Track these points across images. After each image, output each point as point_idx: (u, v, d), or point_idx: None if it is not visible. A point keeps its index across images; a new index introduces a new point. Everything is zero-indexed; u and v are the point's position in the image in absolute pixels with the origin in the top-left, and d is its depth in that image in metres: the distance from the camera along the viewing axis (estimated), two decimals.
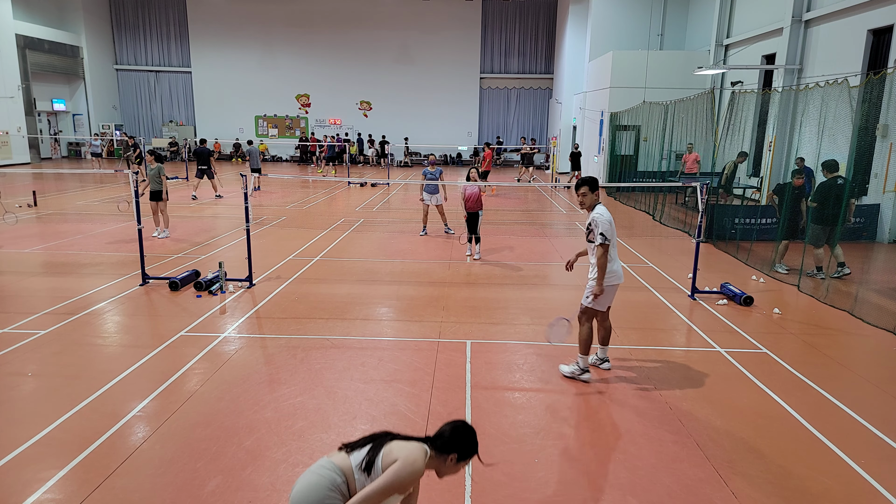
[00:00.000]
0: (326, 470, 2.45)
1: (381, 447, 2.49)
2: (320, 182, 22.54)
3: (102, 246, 10.55)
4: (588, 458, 4.12)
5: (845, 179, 8.47)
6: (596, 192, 5.27)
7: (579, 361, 5.31)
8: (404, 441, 2.54)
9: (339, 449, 2.57)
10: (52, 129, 30.23)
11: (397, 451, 2.46)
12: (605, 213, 5.17)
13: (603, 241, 5.08)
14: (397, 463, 2.38)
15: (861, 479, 3.91)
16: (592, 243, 5.20)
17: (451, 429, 2.58)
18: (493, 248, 10.76)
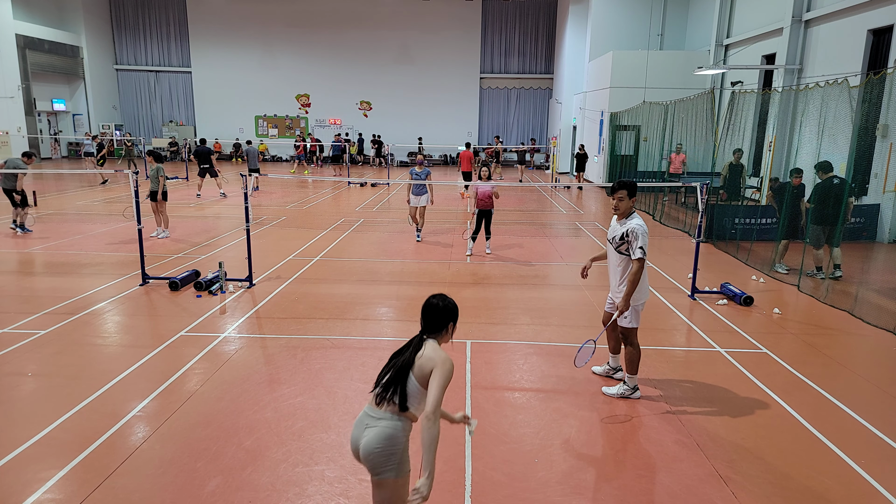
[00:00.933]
0: (383, 419, 2.70)
1: (405, 380, 2.70)
2: (320, 182, 22.53)
3: (102, 246, 10.55)
4: (588, 458, 4.12)
5: (842, 179, 8.47)
6: (633, 199, 4.78)
7: (627, 381, 4.98)
8: (415, 353, 2.73)
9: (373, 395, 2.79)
10: (52, 129, 30.23)
11: (425, 363, 2.68)
12: (644, 225, 4.70)
13: (642, 256, 4.62)
14: (437, 369, 2.64)
15: (861, 479, 3.91)
16: (622, 255, 4.78)
17: (433, 310, 2.82)
18: (492, 248, 10.76)
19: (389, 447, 2.64)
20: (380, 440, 2.64)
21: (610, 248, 4.95)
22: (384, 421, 2.68)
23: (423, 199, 11.17)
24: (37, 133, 27.87)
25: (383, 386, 2.74)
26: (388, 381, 2.73)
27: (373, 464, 2.66)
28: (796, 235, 9.48)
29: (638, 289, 4.73)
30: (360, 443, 2.69)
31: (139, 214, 8.22)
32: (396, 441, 2.66)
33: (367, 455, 2.66)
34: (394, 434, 2.66)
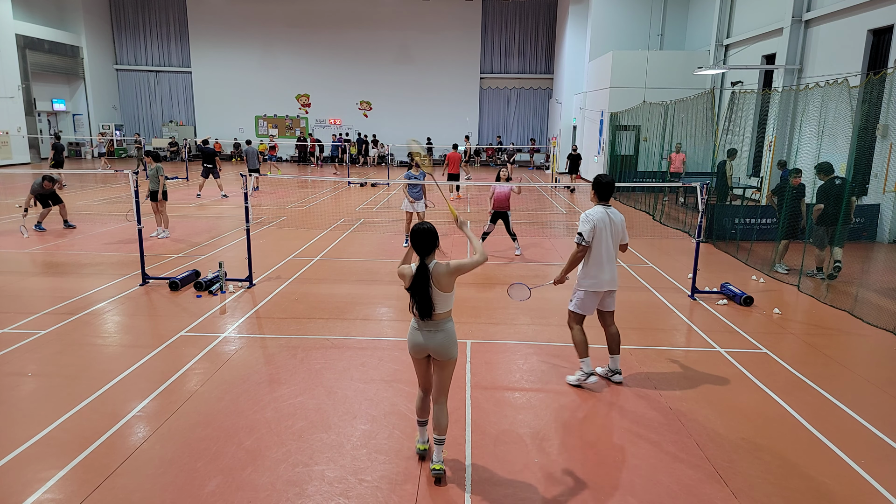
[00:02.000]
0: (441, 324, 3.71)
1: (432, 297, 3.64)
2: (319, 182, 22.53)
3: (102, 246, 10.55)
4: (588, 458, 4.12)
5: (843, 179, 8.46)
6: (599, 198, 5.11)
7: (581, 366, 5.18)
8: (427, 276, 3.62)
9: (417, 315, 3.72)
10: (52, 129, 30.22)
11: (441, 278, 3.62)
12: (590, 214, 5.03)
13: (577, 241, 5.07)
14: (455, 268, 3.65)
15: (861, 479, 3.91)
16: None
17: (425, 236, 3.64)
18: (492, 249, 10.76)
19: (453, 338, 3.76)
20: (449, 337, 3.73)
21: None
22: (443, 324, 3.71)
23: (421, 205, 10.57)
24: (37, 133, 27.86)
25: (423, 310, 3.64)
26: (425, 307, 3.63)
27: (446, 353, 3.73)
28: (796, 235, 9.47)
29: (582, 273, 5.16)
30: (430, 344, 3.70)
31: (139, 214, 8.22)
32: (454, 333, 3.78)
33: (443, 349, 3.71)
34: (453, 329, 3.77)
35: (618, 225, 5.10)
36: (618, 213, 5.12)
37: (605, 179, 5.05)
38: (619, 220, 5.12)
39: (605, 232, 5.01)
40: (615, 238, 5.10)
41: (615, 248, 5.15)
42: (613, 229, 5.05)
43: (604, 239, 5.02)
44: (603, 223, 4.98)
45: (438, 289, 3.63)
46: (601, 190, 5.07)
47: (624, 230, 5.19)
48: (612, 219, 5.04)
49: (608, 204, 5.11)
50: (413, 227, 3.71)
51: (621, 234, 5.17)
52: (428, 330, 3.70)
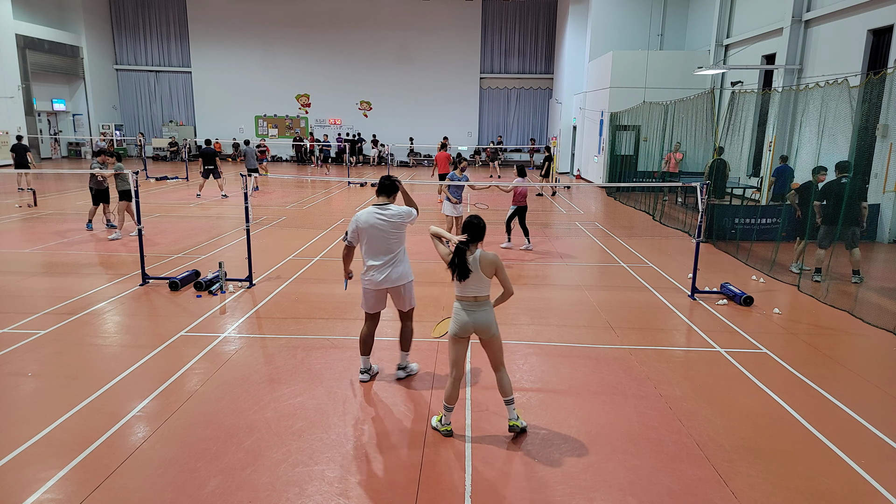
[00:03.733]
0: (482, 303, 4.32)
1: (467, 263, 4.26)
2: (318, 182, 22.53)
3: (102, 246, 10.55)
4: (588, 457, 4.12)
5: (848, 178, 8.43)
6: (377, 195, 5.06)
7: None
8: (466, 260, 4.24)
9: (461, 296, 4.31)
10: (51, 129, 30.22)
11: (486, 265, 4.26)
12: (359, 216, 4.93)
13: (343, 239, 5.09)
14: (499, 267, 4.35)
15: (861, 479, 3.91)
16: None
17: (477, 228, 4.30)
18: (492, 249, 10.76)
19: (494, 316, 4.33)
20: (490, 313, 4.29)
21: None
22: (483, 303, 4.30)
23: (459, 209, 10.16)
24: (37, 133, 27.85)
25: (463, 272, 4.21)
26: (463, 270, 4.20)
27: (489, 329, 4.27)
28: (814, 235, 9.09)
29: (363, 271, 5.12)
30: (475, 322, 4.25)
31: (139, 214, 8.22)
32: (493, 313, 4.33)
33: (486, 325, 4.26)
34: (492, 310, 4.32)
35: (388, 223, 4.90)
36: (395, 210, 4.94)
37: (386, 182, 5.02)
38: (391, 217, 4.91)
39: (373, 232, 4.90)
40: (387, 236, 4.92)
41: (392, 246, 4.97)
42: (383, 228, 4.90)
43: (372, 238, 4.92)
44: (367, 223, 4.88)
45: (482, 273, 4.24)
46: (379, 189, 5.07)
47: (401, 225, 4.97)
48: (382, 218, 4.90)
49: (386, 202, 4.97)
50: (467, 220, 4.32)
51: (396, 231, 4.96)
52: (473, 305, 4.27)
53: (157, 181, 21.28)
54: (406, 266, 5.11)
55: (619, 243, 11.56)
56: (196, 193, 17.25)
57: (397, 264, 5.03)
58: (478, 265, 4.21)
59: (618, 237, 12.19)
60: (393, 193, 5.07)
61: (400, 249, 5.04)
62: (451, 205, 10.09)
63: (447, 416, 4.39)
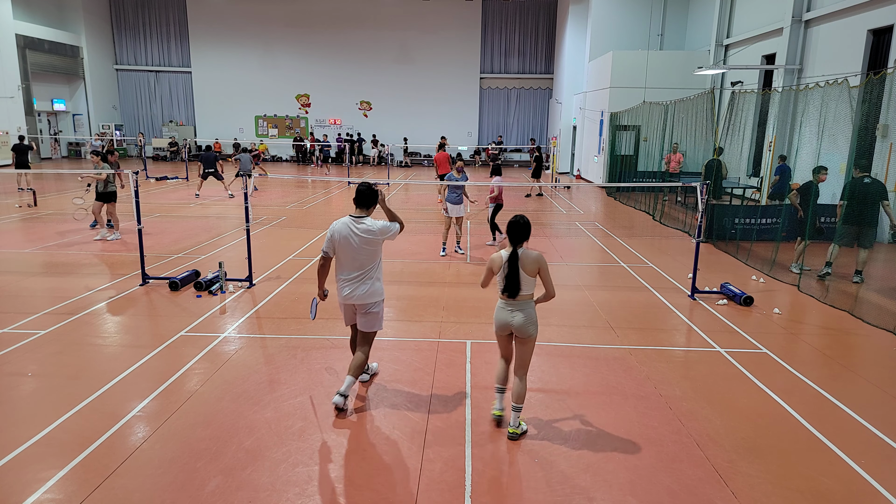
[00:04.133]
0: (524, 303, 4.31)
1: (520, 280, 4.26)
2: (318, 182, 22.53)
3: (102, 246, 10.55)
4: (588, 457, 4.12)
5: (873, 179, 8.40)
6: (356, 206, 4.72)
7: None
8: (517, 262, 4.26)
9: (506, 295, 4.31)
10: (52, 129, 30.22)
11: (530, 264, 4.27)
12: (334, 226, 4.67)
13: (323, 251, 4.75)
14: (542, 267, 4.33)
15: (861, 479, 3.91)
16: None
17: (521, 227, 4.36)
18: (492, 249, 10.76)
19: (534, 319, 4.31)
20: (530, 315, 4.28)
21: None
22: (524, 304, 4.28)
23: (459, 209, 10.09)
24: (37, 133, 27.85)
25: (513, 289, 4.23)
26: (514, 286, 4.23)
27: (527, 330, 4.28)
28: (815, 236, 9.11)
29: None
30: (513, 321, 4.28)
31: (139, 214, 8.22)
32: (535, 315, 4.33)
33: (524, 326, 4.26)
34: (533, 309, 4.31)
35: (360, 238, 4.59)
36: (369, 224, 4.63)
37: (363, 189, 4.72)
38: (363, 232, 4.59)
39: (344, 244, 4.62)
40: (357, 251, 4.61)
41: (363, 262, 4.65)
42: (355, 242, 4.59)
43: (343, 250, 4.64)
44: (340, 235, 4.61)
45: (525, 272, 4.24)
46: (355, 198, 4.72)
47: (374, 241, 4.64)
48: (354, 231, 4.60)
49: (362, 214, 4.67)
50: (511, 219, 4.39)
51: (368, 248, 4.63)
52: (511, 309, 4.29)
53: (157, 181, 21.28)
54: (377, 285, 4.72)
55: (619, 243, 11.56)
56: (195, 193, 17.26)
57: (365, 281, 4.66)
58: (520, 264, 4.24)
59: (618, 237, 12.19)
60: (371, 205, 4.71)
61: (371, 266, 4.67)
62: (451, 205, 10.08)
63: (498, 399, 4.56)
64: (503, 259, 4.27)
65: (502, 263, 4.27)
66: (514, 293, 4.24)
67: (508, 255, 4.27)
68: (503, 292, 4.30)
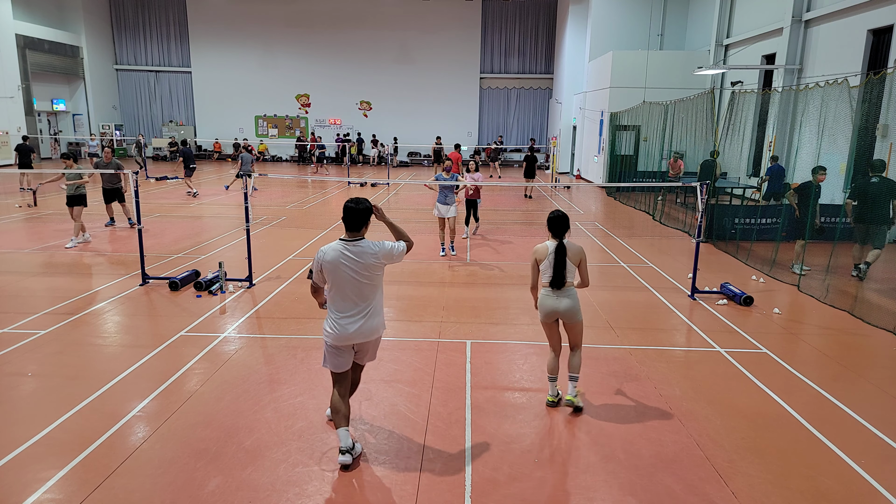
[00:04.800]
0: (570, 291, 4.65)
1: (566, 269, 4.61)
2: (318, 182, 22.53)
3: (102, 246, 10.55)
4: (588, 457, 4.12)
5: (881, 178, 8.39)
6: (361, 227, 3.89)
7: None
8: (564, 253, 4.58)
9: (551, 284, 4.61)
10: (52, 129, 30.22)
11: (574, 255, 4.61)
12: (324, 251, 3.85)
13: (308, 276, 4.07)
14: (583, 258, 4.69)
15: (861, 479, 3.91)
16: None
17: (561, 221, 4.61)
18: (492, 248, 10.77)
19: (578, 302, 4.67)
20: (576, 301, 4.65)
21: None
22: (571, 291, 4.63)
23: (452, 210, 9.94)
24: (37, 133, 27.85)
25: (560, 278, 4.55)
26: (561, 275, 4.55)
27: (574, 314, 4.64)
28: (814, 235, 9.05)
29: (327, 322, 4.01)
30: (560, 307, 4.61)
31: (139, 214, 8.22)
32: (577, 298, 4.67)
33: (571, 311, 4.62)
34: (576, 295, 4.66)
35: (359, 264, 3.80)
36: (366, 246, 3.82)
37: (352, 207, 3.85)
38: (362, 257, 3.80)
39: (339, 275, 3.81)
40: (358, 281, 3.83)
41: (366, 292, 3.88)
42: (354, 269, 3.81)
43: (340, 281, 3.83)
44: (332, 264, 3.80)
45: (570, 262, 4.56)
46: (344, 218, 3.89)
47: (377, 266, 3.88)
48: (349, 256, 3.79)
49: (355, 236, 3.86)
50: (550, 214, 4.62)
51: (370, 274, 3.86)
52: (557, 296, 4.59)
53: (157, 181, 21.27)
54: (382, 316, 4.07)
55: (619, 243, 11.56)
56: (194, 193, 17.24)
57: (373, 315, 3.94)
58: (566, 254, 4.57)
59: (618, 237, 12.19)
60: (364, 224, 3.88)
61: (375, 298, 3.94)
62: (441, 205, 9.97)
63: (551, 387, 4.86)
64: (549, 250, 4.56)
65: (548, 254, 4.56)
66: (561, 282, 4.55)
67: (555, 246, 4.55)
68: (550, 282, 4.58)
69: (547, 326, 4.76)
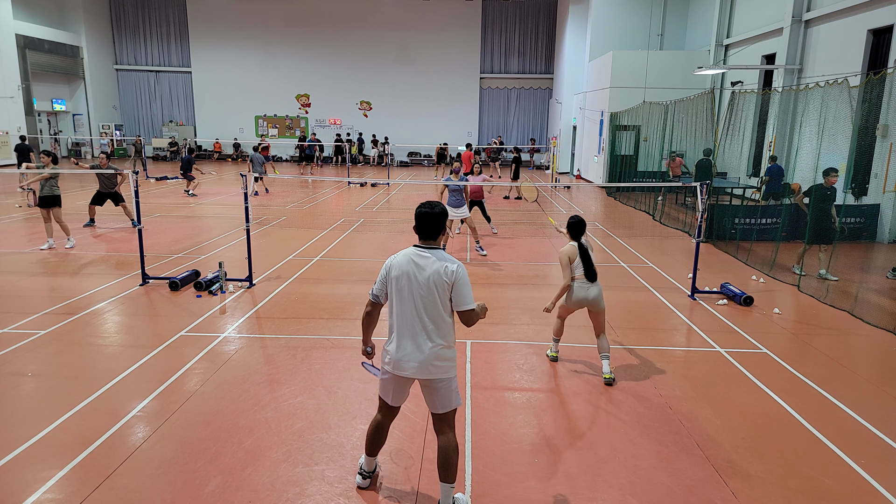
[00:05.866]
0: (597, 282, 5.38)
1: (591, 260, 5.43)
2: (319, 182, 22.53)
3: (102, 246, 10.55)
4: (588, 458, 4.12)
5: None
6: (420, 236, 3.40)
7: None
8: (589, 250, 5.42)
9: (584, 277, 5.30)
10: (52, 129, 30.22)
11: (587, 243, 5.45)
12: (394, 258, 3.38)
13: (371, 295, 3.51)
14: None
15: (861, 479, 3.91)
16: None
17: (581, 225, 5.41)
18: (492, 248, 10.76)
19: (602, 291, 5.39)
20: (600, 290, 5.36)
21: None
22: (598, 283, 5.36)
23: (463, 211, 10.06)
24: (37, 133, 27.85)
25: (591, 272, 5.28)
26: (591, 269, 5.30)
27: (599, 302, 5.32)
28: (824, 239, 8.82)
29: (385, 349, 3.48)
30: (589, 295, 5.29)
31: (139, 214, 8.22)
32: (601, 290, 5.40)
33: (599, 299, 5.32)
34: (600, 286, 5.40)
35: (424, 277, 3.24)
36: (438, 259, 3.27)
37: (425, 209, 3.35)
38: (431, 270, 3.23)
39: (405, 285, 3.30)
40: (424, 297, 3.26)
41: (431, 312, 3.27)
42: (421, 282, 3.26)
43: (402, 294, 3.31)
44: (400, 269, 3.31)
45: (592, 256, 5.34)
46: (417, 225, 3.37)
47: (445, 285, 3.23)
48: (420, 266, 3.27)
49: (430, 245, 3.35)
50: (571, 219, 5.36)
51: (437, 292, 3.24)
52: (588, 286, 5.27)
53: (157, 181, 21.28)
54: (449, 352, 3.34)
55: (619, 243, 11.56)
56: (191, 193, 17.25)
57: (431, 341, 3.27)
58: (590, 250, 5.36)
59: (618, 237, 12.19)
60: (441, 232, 3.35)
61: (442, 322, 3.28)
62: (452, 208, 10.07)
63: (555, 345, 5.78)
64: (576, 251, 5.29)
65: (577, 255, 5.28)
66: (593, 274, 5.27)
67: (578, 247, 5.29)
68: (585, 274, 5.27)
69: (568, 311, 5.56)
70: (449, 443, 3.38)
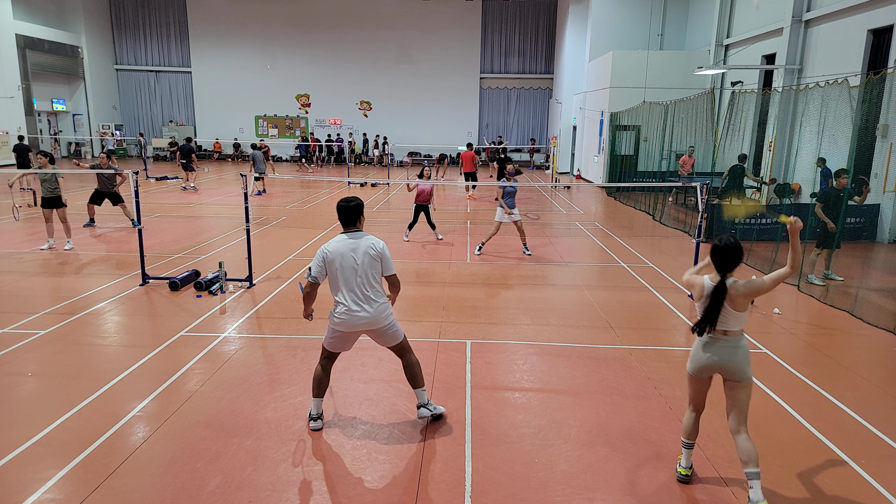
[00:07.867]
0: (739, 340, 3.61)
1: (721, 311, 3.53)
2: (318, 182, 22.53)
3: (102, 246, 10.55)
4: (588, 458, 4.12)
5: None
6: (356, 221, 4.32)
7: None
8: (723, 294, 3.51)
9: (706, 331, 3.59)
10: (52, 129, 30.22)
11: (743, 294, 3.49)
12: (328, 245, 4.25)
13: (308, 275, 4.32)
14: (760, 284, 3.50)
15: (861, 479, 3.91)
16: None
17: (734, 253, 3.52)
18: (492, 248, 10.76)
19: (747, 355, 3.58)
20: (746, 354, 3.57)
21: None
22: (733, 339, 3.56)
23: (517, 215, 10.16)
24: (37, 133, 27.85)
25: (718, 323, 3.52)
26: (713, 318, 3.50)
27: (742, 372, 3.54)
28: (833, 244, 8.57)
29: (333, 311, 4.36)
30: (726, 361, 3.54)
31: (139, 214, 8.22)
32: (748, 351, 3.60)
33: (740, 367, 3.52)
34: (746, 346, 3.59)
35: (362, 253, 4.18)
36: (373, 240, 4.24)
37: (342, 203, 4.29)
38: (366, 248, 4.19)
39: (344, 264, 4.19)
40: (365, 268, 4.20)
41: (371, 280, 4.22)
42: (357, 259, 4.18)
43: (345, 269, 4.19)
44: (338, 254, 4.17)
45: (732, 308, 3.49)
46: (340, 216, 4.32)
47: (378, 257, 4.22)
48: (355, 247, 4.20)
49: (355, 230, 4.28)
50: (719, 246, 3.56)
51: (375, 263, 4.22)
52: (723, 342, 3.55)
53: (157, 181, 21.28)
54: (387, 305, 4.36)
55: (619, 243, 11.56)
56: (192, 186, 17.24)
57: (375, 300, 4.25)
58: (728, 298, 3.48)
59: (618, 237, 12.19)
60: (359, 218, 4.29)
61: (378, 285, 4.29)
62: (503, 212, 10.09)
63: (685, 456, 3.84)
64: (706, 290, 3.56)
65: (704, 294, 3.57)
66: (712, 324, 3.52)
67: (714, 287, 3.52)
68: (700, 329, 3.58)
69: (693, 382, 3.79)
70: (410, 360, 4.49)
